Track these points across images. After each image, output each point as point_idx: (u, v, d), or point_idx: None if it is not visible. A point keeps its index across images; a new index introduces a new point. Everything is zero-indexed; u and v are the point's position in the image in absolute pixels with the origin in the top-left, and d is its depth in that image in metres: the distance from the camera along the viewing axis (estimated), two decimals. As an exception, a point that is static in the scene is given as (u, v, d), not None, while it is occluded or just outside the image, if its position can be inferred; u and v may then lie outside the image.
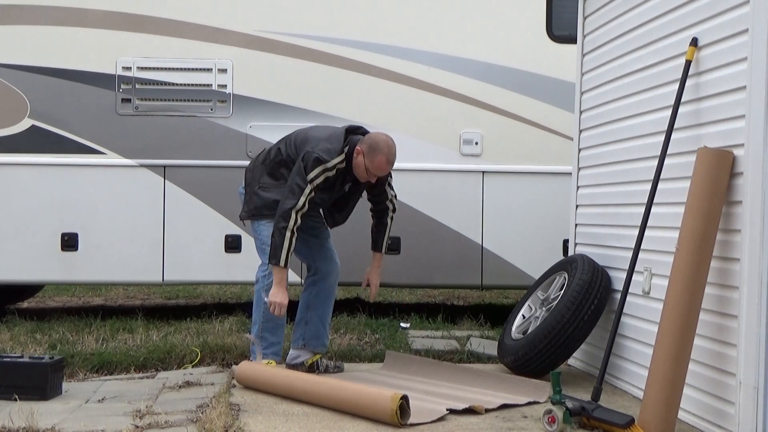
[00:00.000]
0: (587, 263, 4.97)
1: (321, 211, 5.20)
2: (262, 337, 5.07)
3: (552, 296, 5.13)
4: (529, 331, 5.03)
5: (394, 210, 5.24)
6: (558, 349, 4.80)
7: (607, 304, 4.89)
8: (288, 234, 4.76)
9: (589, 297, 4.80)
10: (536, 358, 4.84)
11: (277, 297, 4.84)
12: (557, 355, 4.83)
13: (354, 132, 5.03)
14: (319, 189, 4.83)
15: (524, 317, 5.26)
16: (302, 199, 4.77)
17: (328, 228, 5.26)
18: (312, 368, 5.09)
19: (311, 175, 4.77)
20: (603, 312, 4.87)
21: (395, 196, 5.23)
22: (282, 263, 4.79)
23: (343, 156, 4.86)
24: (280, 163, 5.07)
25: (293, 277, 6.68)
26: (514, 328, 5.22)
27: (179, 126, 7.00)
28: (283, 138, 5.19)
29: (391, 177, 5.18)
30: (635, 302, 4.57)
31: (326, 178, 4.83)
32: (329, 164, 4.80)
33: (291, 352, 5.17)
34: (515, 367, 4.95)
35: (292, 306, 5.14)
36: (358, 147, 4.86)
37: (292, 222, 4.76)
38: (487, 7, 7.13)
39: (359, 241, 5.55)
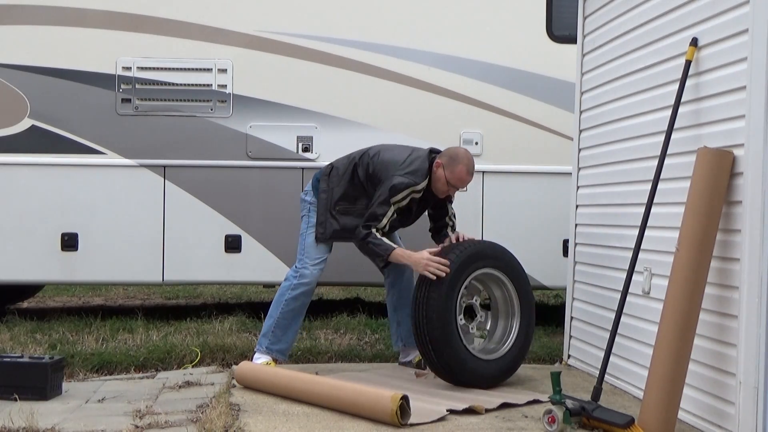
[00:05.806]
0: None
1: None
2: (273, 333, 5.17)
3: None
4: None
5: (453, 228, 5.22)
6: None
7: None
8: (374, 240, 4.90)
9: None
10: None
11: (422, 260, 4.76)
12: None
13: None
14: (401, 211, 4.98)
15: None
16: (384, 221, 4.91)
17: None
18: (420, 365, 5.21)
19: (397, 197, 4.91)
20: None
21: (454, 214, 5.26)
22: (390, 250, 4.88)
23: (428, 177, 5.00)
24: (357, 186, 5.14)
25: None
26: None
27: (179, 126, 6.99)
28: (352, 157, 5.22)
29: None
30: (635, 302, 4.56)
31: (411, 200, 4.96)
32: (417, 187, 4.94)
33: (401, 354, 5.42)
34: None
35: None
36: (437, 160, 5.00)
37: (374, 234, 4.91)
38: (487, 7, 7.13)
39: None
